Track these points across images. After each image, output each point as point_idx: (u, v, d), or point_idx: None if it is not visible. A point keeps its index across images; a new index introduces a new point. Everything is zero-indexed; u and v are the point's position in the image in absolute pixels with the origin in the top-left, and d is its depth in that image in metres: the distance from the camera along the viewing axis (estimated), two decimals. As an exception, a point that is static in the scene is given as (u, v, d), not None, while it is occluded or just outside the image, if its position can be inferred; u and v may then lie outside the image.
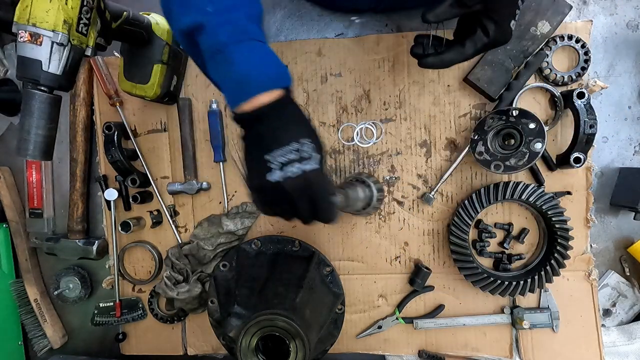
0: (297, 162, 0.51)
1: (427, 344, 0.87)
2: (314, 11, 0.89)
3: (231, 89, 0.54)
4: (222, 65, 0.54)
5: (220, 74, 0.55)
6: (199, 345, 0.93)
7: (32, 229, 0.95)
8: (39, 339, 0.96)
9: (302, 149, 0.51)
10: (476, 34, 0.59)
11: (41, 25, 0.54)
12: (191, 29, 0.54)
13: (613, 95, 0.84)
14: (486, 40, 0.59)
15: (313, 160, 0.51)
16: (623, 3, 0.83)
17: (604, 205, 0.86)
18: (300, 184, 0.51)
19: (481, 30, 0.59)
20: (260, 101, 0.52)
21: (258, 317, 0.65)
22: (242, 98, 0.53)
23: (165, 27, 0.80)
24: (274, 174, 0.51)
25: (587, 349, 0.84)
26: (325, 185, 0.54)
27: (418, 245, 0.87)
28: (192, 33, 0.55)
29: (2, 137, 0.97)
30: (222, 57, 0.53)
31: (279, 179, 0.51)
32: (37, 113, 0.56)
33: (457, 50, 0.61)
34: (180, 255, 0.88)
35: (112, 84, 0.89)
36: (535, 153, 0.73)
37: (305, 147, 0.51)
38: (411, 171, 0.86)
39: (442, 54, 0.62)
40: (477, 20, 0.59)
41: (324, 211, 0.54)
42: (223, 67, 0.54)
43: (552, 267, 0.79)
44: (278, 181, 0.51)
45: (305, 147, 0.51)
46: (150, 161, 0.91)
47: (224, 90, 0.55)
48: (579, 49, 0.80)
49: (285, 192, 0.51)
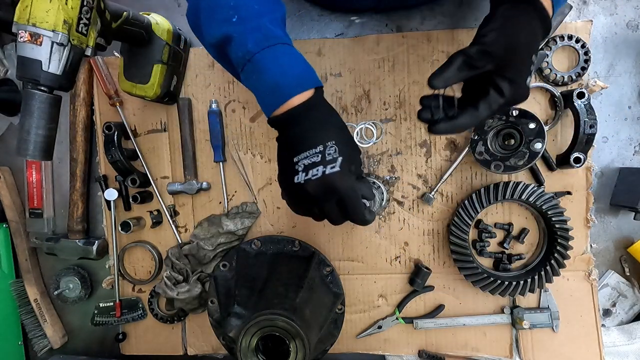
0: (320, 165, 0.51)
1: (427, 344, 0.87)
2: (314, 11, 0.89)
3: (264, 96, 0.56)
4: (253, 75, 0.55)
5: (252, 83, 0.56)
6: (199, 345, 0.93)
7: (32, 229, 0.95)
8: (39, 339, 0.96)
9: (326, 152, 0.52)
10: (489, 95, 0.53)
11: (41, 25, 0.54)
12: (220, 42, 0.56)
13: (613, 95, 0.84)
14: (502, 101, 0.53)
15: (336, 163, 0.52)
16: (623, 3, 0.83)
17: (604, 205, 0.86)
18: (321, 186, 0.52)
19: (495, 91, 0.53)
20: (291, 104, 0.53)
21: (258, 317, 0.65)
22: (275, 104, 0.54)
23: (166, 27, 0.80)
24: (299, 176, 0.52)
25: (587, 349, 0.84)
26: (351, 187, 0.53)
27: (418, 245, 0.87)
28: (223, 46, 0.56)
29: (2, 137, 0.97)
30: (252, 67, 0.54)
31: (302, 181, 0.52)
32: (37, 113, 0.56)
33: (470, 114, 0.54)
34: (180, 255, 0.88)
35: (112, 84, 0.89)
36: (535, 153, 0.73)
37: (330, 150, 0.52)
38: (411, 171, 0.86)
39: (455, 118, 0.55)
40: (489, 80, 0.53)
41: (352, 213, 0.54)
42: (254, 76, 0.55)
43: (552, 267, 0.79)
44: (301, 183, 0.52)
45: (330, 150, 0.52)
46: (150, 161, 0.91)
47: (258, 98, 0.57)
48: (579, 49, 0.80)
49: (309, 194, 0.52)
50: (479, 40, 0.52)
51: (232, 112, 0.88)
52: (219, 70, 0.88)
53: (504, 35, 0.52)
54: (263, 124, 0.88)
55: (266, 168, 0.89)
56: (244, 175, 0.89)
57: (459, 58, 0.51)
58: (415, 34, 0.83)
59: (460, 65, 0.51)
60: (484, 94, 0.53)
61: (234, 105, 0.88)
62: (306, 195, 0.53)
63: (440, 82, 0.51)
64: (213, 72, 0.88)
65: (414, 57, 0.84)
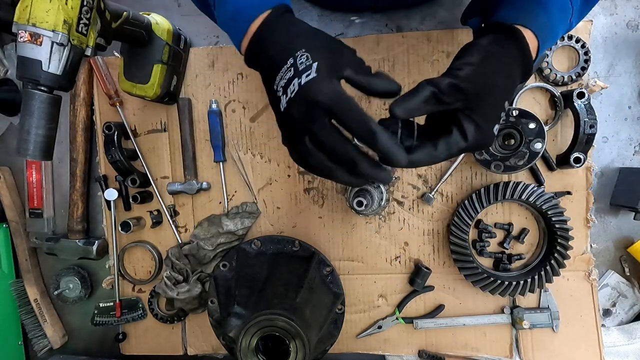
0: (295, 77, 0.43)
1: (427, 344, 0.87)
2: (314, 11, 0.89)
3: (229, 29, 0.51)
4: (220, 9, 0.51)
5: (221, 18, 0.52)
6: (199, 345, 0.93)
7: (32, 229, 0.95)
8: (39, 339, 0.96)
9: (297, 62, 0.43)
10: (452, 135, 0.47)
11: (41, 25, 0.54)
12: None
13: (613, 95, 0.84)
14: (463, 145, 0.47)
15: (311, 69, 0.42)
16: (623, 3, 0.83)
17: (604, 205, 0.86)
18: (302, 102, 0.42)
19: (458, 132, 0.47)
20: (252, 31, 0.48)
21: (258, 317, 0.65)
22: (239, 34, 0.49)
23: (166, 27, 0.80)
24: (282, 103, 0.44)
25: (587, 349, 0.84)
26: (336, 92, 0.42)
27: (418, 245, 0.87)
28: None
29: (2, 137, 0.97)
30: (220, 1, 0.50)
31: (285, 105, 0.44)
32: (37, 113, 0.56)
33: (427, 152, 0.47)
34: (180, 255, 0.88)
35: (112, 84, 0.89)
36: (535, 153, 0.73)
37: (301, 59, 0.43)
38: (411, 171, 0.86)
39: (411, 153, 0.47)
40: (454, 118, 0.47)
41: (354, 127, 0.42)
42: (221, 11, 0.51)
43: (552, 267, 0.79)
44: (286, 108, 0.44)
45: (301, 59, 0.43)
46: (150, 161, 0.91)
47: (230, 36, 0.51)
48: (579, 49, 0.80)
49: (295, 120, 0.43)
50: (452, 73, 0.47)
51: (232, 112, 0.88)
52: (219, 70, 0.88)
53: (481, 74, 0.47)
54: (263, 124, 0.88)
55: (266, 168, 0.88)
56: (244, 175, 0.89)
57: (427, 89, 0.46)
58: (415, 34, 0.83)
59: (427, 97, 0.46)
60: (445, 132, 0.48)
61: (234, 105, 0.88)
62: (294, 123, 0.44)
63: (403, 112, 0.46)
64: (213, 72, 0.88)
65: (414, 57, 0.84)
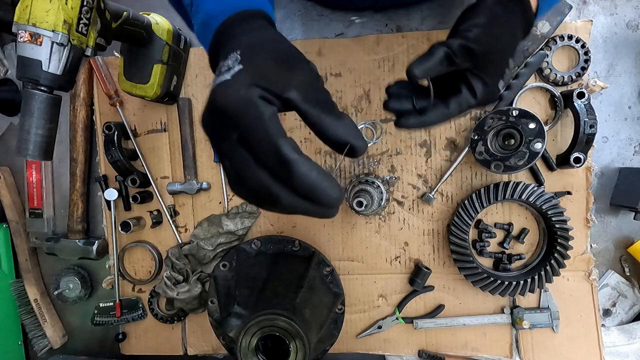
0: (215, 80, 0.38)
1: (427, 344, 0.87)
2: (314, 11, 0.89)
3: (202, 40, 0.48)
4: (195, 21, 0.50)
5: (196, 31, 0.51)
6: (199, 345, 0.93)
7: (32, 229, 0.95)
8: (39, 339, 0.96)
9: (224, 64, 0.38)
10: (462, 94, 0.51)
11: (41, 25, 0.54)
12: None
13: (613, 95, 0.84)
14: (473, 102, 0.51)
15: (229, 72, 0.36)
16: (623, 3, 0.83)
17: (604, 205, 0.86)
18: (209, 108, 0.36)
19: (468, 90, 0.50)
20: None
21: (258, 317, 0.65)
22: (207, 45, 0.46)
23: (165, 27, 0.80)
24: None
25: (587, 349, 0.84)
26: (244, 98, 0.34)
27: (418, 245, 0.87)
28: None
29: (2, 137, 0.97)
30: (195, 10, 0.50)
31: None
32: (37, 113, 0.56)
33: (440, 112, 0.51)
34: (180, 255, 0.88)
35: (112, 84, 0.89)
36: (535, 153, 0.73)
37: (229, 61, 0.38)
38: (411, 171, 0.86)
39: (424, 114, 0.51)
40: (463, 78, 0.51)
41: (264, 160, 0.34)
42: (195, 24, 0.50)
43: (552, 267, 0.79)
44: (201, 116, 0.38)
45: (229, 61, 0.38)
46: (150, 161, 0.91)
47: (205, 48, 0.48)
48: (579, 49, 0.80)
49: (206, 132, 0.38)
50: (462, 34, 0.49)
51: (232, 112, 0.88)
52: (219, 70, 0.88)
53: (489, 34, 0.49)
54: (263, 124, 0.88)
55: (266, 168, 0.88)
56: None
57: (441, 50, 0.48)
58: (415, 34, 0.83)
59: (442, 58, 0.48)
60: (455, 91, 0.51)
61: (234, 105, 0.88)
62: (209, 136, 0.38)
63: (420, 72, 0.48)
64: (213, 72, 0.88)
65: (414, 57, 0.83)
